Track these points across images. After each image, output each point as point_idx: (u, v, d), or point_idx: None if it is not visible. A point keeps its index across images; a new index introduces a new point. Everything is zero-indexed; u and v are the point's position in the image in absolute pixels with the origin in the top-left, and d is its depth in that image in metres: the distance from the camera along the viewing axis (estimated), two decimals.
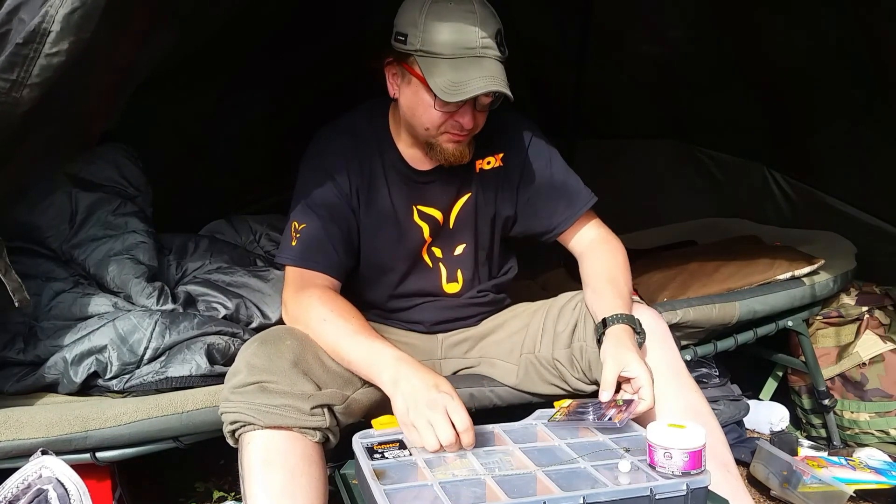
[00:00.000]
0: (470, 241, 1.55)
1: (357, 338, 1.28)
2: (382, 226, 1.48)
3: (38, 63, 1.15)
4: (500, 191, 1.54)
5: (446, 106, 1.33)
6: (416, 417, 1.13)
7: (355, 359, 1.27)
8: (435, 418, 1.11)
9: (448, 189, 1.51)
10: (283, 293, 1.42)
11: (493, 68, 1.30)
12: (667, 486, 1.02)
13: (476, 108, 1.36)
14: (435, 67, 1.30)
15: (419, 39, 1.31)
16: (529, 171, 1.54)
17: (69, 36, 1.13)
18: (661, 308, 1.73)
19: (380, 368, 1.23)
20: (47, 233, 1.71)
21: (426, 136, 1.39)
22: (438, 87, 1.29)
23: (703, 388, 1.85)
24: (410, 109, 1.39)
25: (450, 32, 1.29)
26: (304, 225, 1.41)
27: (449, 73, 1.29)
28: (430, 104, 1.33)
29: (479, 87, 1.28)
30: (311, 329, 1.32)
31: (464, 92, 1.28)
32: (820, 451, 1.97)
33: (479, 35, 1.29)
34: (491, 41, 1.31)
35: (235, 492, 1.76)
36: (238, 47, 2.07)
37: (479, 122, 1.39)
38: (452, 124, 1.36)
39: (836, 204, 2.30)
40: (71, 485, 1.19)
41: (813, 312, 2.02)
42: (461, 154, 1.41)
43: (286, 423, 1.19)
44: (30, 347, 1.55)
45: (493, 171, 1.53)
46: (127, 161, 1.89)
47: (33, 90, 1.17)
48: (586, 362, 1.40)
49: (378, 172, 1.48)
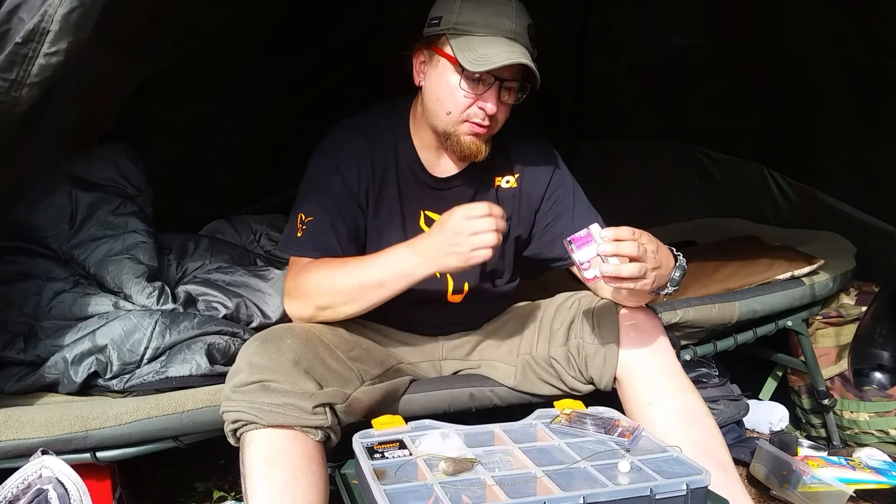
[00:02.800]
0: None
1: (367, 261, 1.34)
2: (389, 228, 1.47)
3: (36, 62, 1.15)
4: (517, 211, 1.53)
5: (471, 84, 1.33)
6: (470, 247, 1.23)
7: (383, 275, 1.32)
8: (475, 243, 1.22)
9: (461, 200, 1.47)
10: (285, 284, 1.43)
11: (522, 51, 1.32)
12: (667, 485, 1.02)
13: (500, 99, 1.36)
14: (467, 43, 1.32)
15: (453, 19, 1.34)
16: (552, 199, 1.53)
17: (68, 35, 1.13)
18: (661, 308, 1.73)
19: (410, 264, 1.30)
20: (47, 233, 1.71)
21: (446, 124, 1.38)
22: (467, 59, 1.31)
23: (703, 388, 1.86)
24: (434, 94, 1.38)
25: (484, 14, 1.33)
26: (312, 218, 1.41)
27: (479, 47, 1.31)
28: (455, 85, 1.34)
29: (507, 58, 1.29)
30: (326, 290, 1.34)
31: (490, 62, 1.29)
32: (820, 450, 1.97)
33: (513, 22, 1.33)
34: (524, 31, 1.34)
35: (236, 491, 1.76)
36: (238, 48, 2.07)
37: (500, 117, 1.39)
38: (475, 112, 1.35)
39: (835, 204, 2.31)
40: (71, 484, 1.19)
41: (812, 312, 2.02)
42: (477, 149, 1.40)
43: (288, 423, 1.19)
44: (30, 347, 1.55)
45: (509, 190, 1.52)
46: (127, 161, 1.89)
47: (32, 90, 1.17)
48: (582, 359, 1.40)
49: (391, 174, 1.46)
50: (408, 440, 1.18)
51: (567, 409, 1.32)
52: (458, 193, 1.49)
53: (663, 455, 1.14)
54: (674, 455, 1.14)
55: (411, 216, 1.48)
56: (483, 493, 1.01)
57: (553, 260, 1.56)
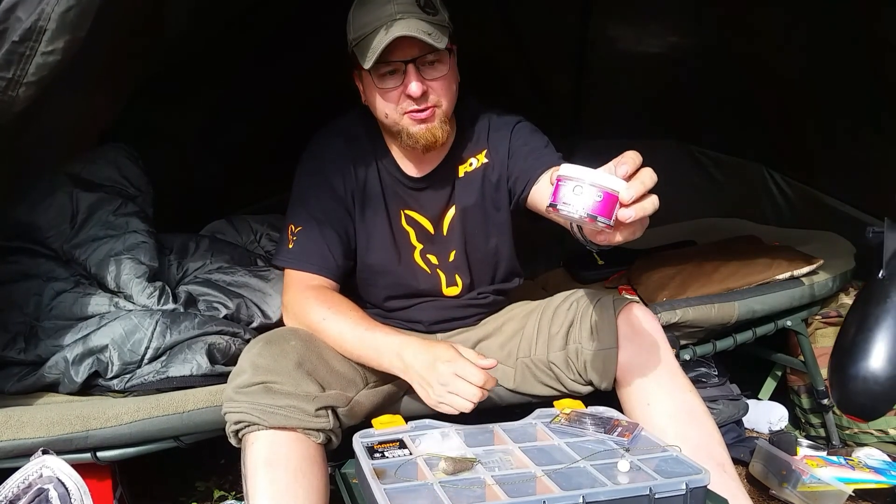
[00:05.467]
0: (461, 248, 1.54)
1: (357, 331, 1.31)
2: (377, 228, 1.49)
3: (34, 61, 1.15)
4: (487, 187, 1.52)
5: (381, 80, 1.33)
6: (438, 397, 1.22)
7: (362, 353, 1.32)
8: (453, 388, 1.20)
9: (437, 197, 1.51)
10: (283, 296, 1.44)
11: (408, 25, 1.28)
12: (666, 485, 1.02)
13: (424, 76, 1.33)
14: (363, 46, 1.32)
15: (351, 32, 1.35)
16: (514, 148, 1.50)
17: (65, 34, 1.13)
18: (661, 308, 1.74)
19: (389, 360, 1.29)
20: (48, 233, 1.71)
21: (391, 125, 1.39)
22: (363, 59, 1.31)
23: (703, 388, 1.87)
24: (371, 105, 1.40)
25: (366, 13, 1.32)
26: (301, 228, 1.43)
27: (371, 43, 1.30)
28: (375, 88, 1.35)
29: (385, 41, 1.28)
30: (314, 329, 1.34)
31: (375, 52, 1.29)
32: (819, 450, 1.97)
33: (395, 5, 1.30)
34: (411, 5, 1.30)
35: (236, 491, 1.76)
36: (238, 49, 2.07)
37: (438, 93, 1.36)
38: (407, 103, 1.35)
39: (835, 204, 2.30)
40: (72, 484, 1.19)
41: (812, 312, 2.02)
42: (432, 136, 1.38)
43: (290, 424, 1.20)
44: (31, 347, 1.55)
45: (475, 171, 1.51)
46: (128, 161, 1.89)
47: (29, 89, 1.17)
48: (582, 364, 1.40)
49: (373, 175, 1.48)
50: (408, 440, 1.18)
51: (567, 408, 1.32)
52: (433, 191, 1.50)
53: (663, 454, 1.14)
54: (673, 454, 1.14)
55: (395, 216, 1.50)
56: (483, 492, 1.01)
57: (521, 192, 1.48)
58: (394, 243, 1.51)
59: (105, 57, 1.50)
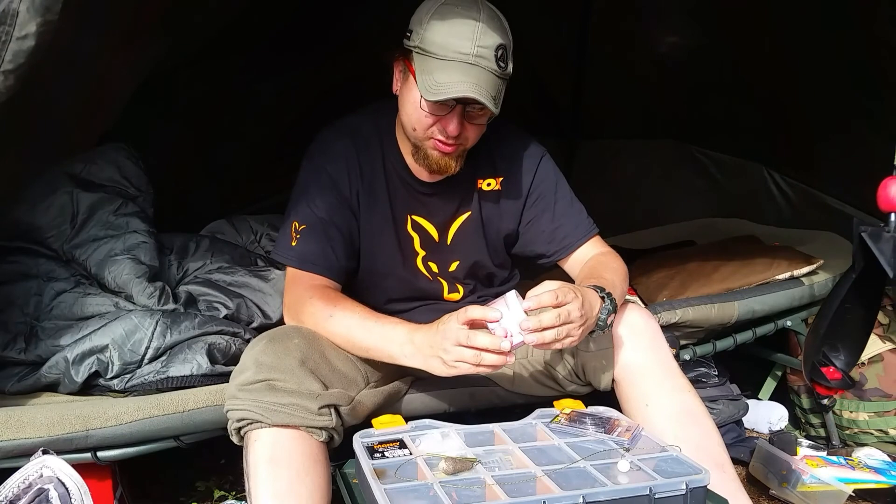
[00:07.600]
0: (465, 259, 1.53)
1: (367, 323, 1.31)
2: (381, 230, 1.48)
3: (10, 48, 1.13)
4: (502, 209, 1.53)
5: (431, 107, 1.31)
6: (447, 364, 1.19)
7: (371, 345, 1.30)
8: (457, 355, 1.17)
9: (447, 205, 1.50)
10: (284, 295, 1.43)
11: (480, 77, 1.27)
12: (666, 485, 1.02)
13: (466, 119, 1.33)
14: (426, 65, 1.29)
15: (420, 37, 1.30)
16: (536, 193, 1.52)
17: (36, 17, 1.11)
18: (661, 308, 1.74)
19: (400, 346, 1.27)
20: (48, 233, 1.71)
21: (414, 138, 1.38)
22: (424, 84, 1.29)
23: (702, 388, 1.87)
24: (404, 107, 1.38)
25: (446, 35, 1.28)
26: (305, 226, 1.41)
27: (436, 73, 1.28)
28: (419, 104, 1.32)
29: (458, 91, 1.26)
30: (320, 327, 1.33)
31: (442, 93, 1.27)
32: (819, 450, 1.97)
33: (476, 44, 1.27)
34: (488, 52, 1.27)
35: (236, 491, 1.76)
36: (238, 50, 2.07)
37: (470, 135, 1.36)
38: (439, 129, 1.34)
39: (835, 204, 2.31)
40: (72, 484, 1.19)
41: (812, 312, 2.02)
42: (445, 165, 1.38)
43: (294, 422, 1.20)
44: (31, 347, 1.55)
45: (492, 192, 1.52)
46: (128, 161, 1.89)
47: (8, 78, 1.15)
48: (579, 366, 1.40)
49: (379, 176, 1.47)
50: (408, 440, 1.18)
51: (567, 408, 1.33)
52: (442, 199, 1.49)
53: (663, 454, 1.14)
54: (673, 454, 1.14)
55: (401, 220, 1.49)
56: (483, 492, 1.02)
57: (537, 256, 1.57)
58: (398, 247, 1.49)
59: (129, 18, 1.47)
